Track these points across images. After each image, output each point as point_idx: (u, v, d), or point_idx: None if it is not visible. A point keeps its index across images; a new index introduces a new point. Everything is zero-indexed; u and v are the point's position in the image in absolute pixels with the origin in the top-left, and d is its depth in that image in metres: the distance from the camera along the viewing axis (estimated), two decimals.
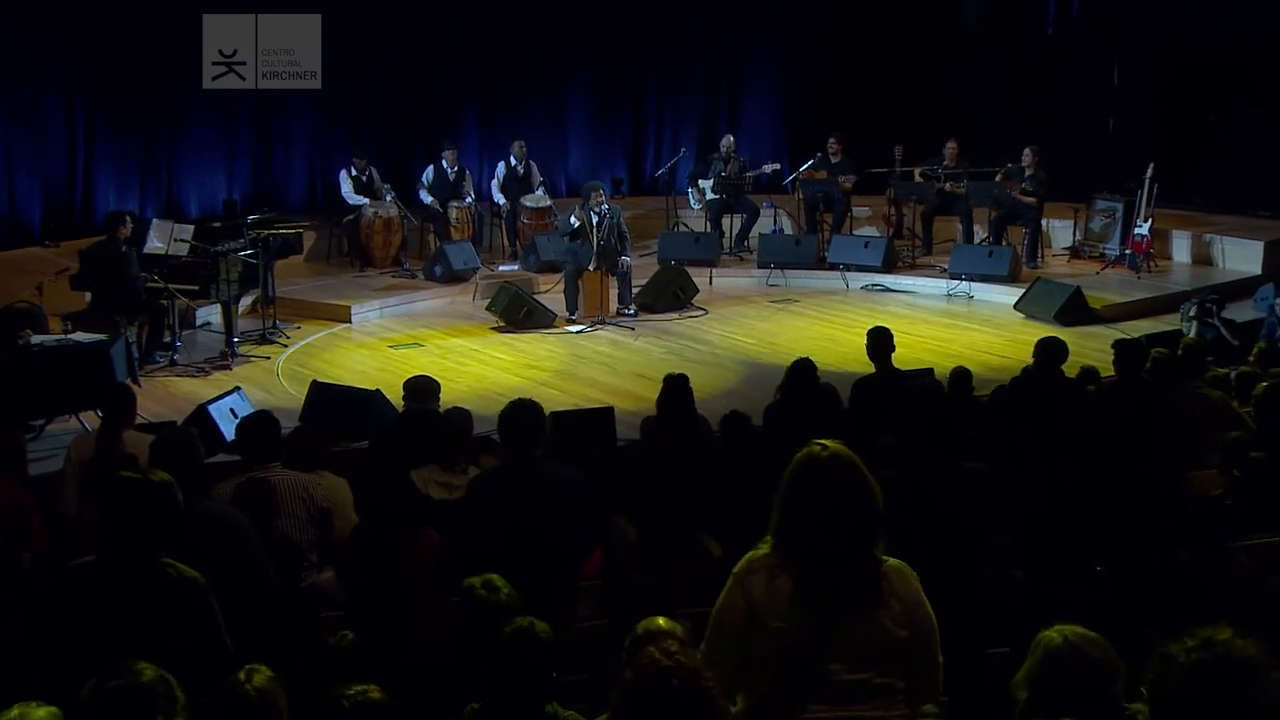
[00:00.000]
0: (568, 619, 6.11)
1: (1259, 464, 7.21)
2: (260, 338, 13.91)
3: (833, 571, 4.08)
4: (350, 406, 10.83)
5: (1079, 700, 3.65)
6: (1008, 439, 6.99)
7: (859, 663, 4.11)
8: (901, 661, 4.17)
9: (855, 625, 4.09)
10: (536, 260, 16.22)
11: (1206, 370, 9.36)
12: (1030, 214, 16.44)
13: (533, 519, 6.23)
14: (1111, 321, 14.42)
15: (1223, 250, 16.48)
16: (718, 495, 7.99)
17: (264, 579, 5.83)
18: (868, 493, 4.23)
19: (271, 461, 7.33)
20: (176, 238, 13.80)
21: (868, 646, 4.11)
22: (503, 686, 4.36)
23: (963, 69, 19.74)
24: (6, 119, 15.38)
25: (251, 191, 17.02)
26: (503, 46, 18.27)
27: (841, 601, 4.07)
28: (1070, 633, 3.79)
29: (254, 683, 4.21)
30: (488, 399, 10.95)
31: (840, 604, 4.05)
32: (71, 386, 10.96)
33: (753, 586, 4.15)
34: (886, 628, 4.13)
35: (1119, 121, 18.57)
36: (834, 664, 4.07)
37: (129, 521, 4.96)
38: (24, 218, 15.66)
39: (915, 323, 14.36)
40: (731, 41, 19.94)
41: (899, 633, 4.14)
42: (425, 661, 5.24)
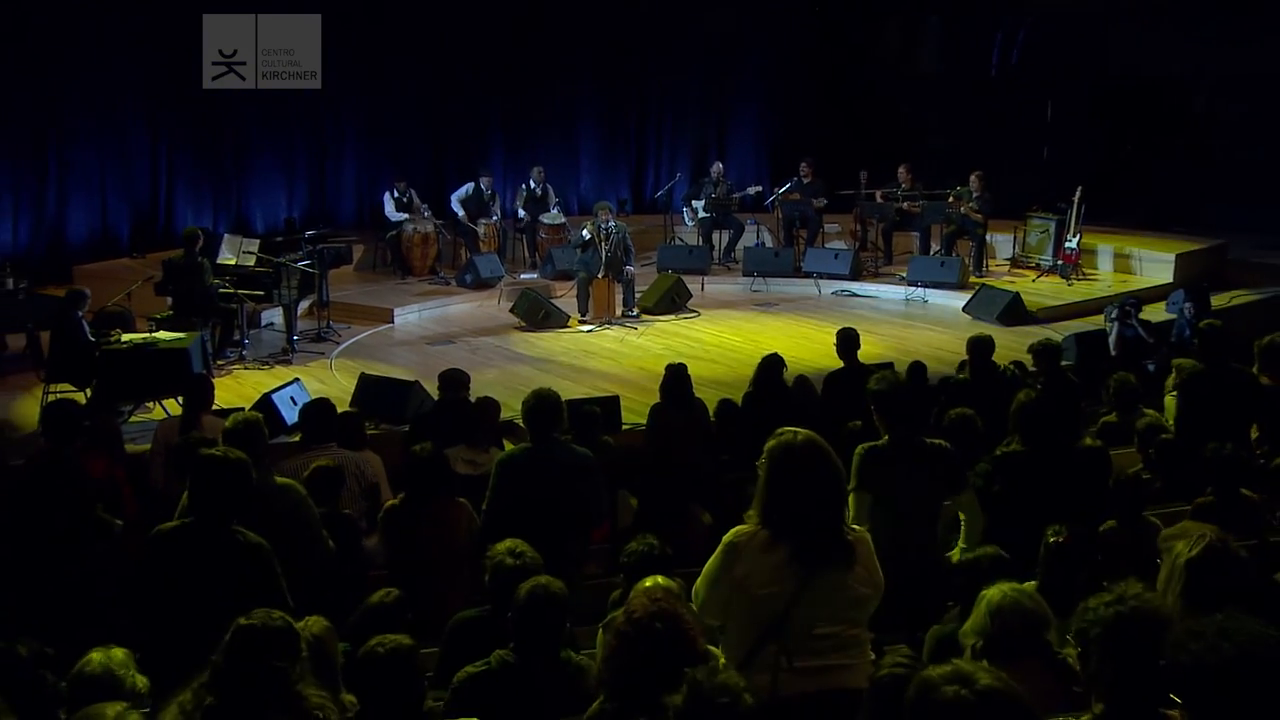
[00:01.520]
0: (580, 577, 6.15)
1: (1169, 444, 7.24)
2: (316, 336, 13.94)
3: (811, 539, 4.11)
4: (393, 395, 10.85)
5: (1017, 644, 3.68)
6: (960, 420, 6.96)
7: (831, 619, 4.13)
8: (864, 615, 4.21)
9: (828, 586, 4.12)
10: (553, 269, 16.24)
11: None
12: (976, 230, 16.42)
13: (550, 492, 6.25)
14: (1045, 322, 14.40)
15: (1140, 262, 16.46)
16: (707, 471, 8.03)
17: (319, 544, 5.84)
18: (835, 471, 4.26)
19: (328, 442, 7.36)
20: (244, 250, 13.81)
21: (838, 604, 4.14)
22: (524, 635, 4.39)
23: (919, 105, 19.74)
24: (100, 150, 15.38)
25: (308, 210, 17.00)
26: (524, 87, 18.24)
27: (819, 565, 4.09)
28: (1008, 589, 3.82)
29: (312, 630, 4.25)
30: (511, 389, 10.95)
31: (818, 567, 4.08)
32: (155, 378, 11.02)
33: (742, 558, 4.18)
34: (853, 587, 4.16)
35: (1052, 150, 18.57)
36: (810, 621, 4.10)
37: (209, 492, 5.00)
38: (115, 234, 15.66)
39: (878, 323, 14.33)
40: (721, 83, 19.90)
41: (863, 590, 4.18)
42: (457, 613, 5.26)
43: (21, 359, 12.58)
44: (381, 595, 5.12)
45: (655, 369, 10.20)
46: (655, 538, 5.35)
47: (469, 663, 4.45)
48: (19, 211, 14.80)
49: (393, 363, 12.94)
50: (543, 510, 6.12)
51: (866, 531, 4.32)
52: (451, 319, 15.16)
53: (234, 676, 3.64)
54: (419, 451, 6.24)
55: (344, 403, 10.21)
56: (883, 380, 6.07)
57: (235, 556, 4.95)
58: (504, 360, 13.24)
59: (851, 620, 4.19)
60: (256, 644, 3.66)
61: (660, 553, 5.18)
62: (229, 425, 5.97)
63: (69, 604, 5.15)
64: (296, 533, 5.69)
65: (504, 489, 6.27)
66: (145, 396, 11.20)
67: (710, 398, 9.31)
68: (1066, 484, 5.99)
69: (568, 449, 6.55)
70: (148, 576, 5.05)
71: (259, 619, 3.70)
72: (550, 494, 6.24)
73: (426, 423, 8.80)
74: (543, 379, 11.50)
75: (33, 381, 11.87)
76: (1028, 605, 3.77)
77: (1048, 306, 14.93)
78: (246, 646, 3.65)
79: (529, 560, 4.85)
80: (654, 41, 18.97)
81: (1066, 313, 14.81)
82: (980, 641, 3.78)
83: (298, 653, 3.75)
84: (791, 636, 4.09)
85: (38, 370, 11.84)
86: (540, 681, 4.35)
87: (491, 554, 4.95)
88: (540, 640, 4.38)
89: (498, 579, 4.84)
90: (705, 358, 12.98)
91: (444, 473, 6.26)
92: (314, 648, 4.25)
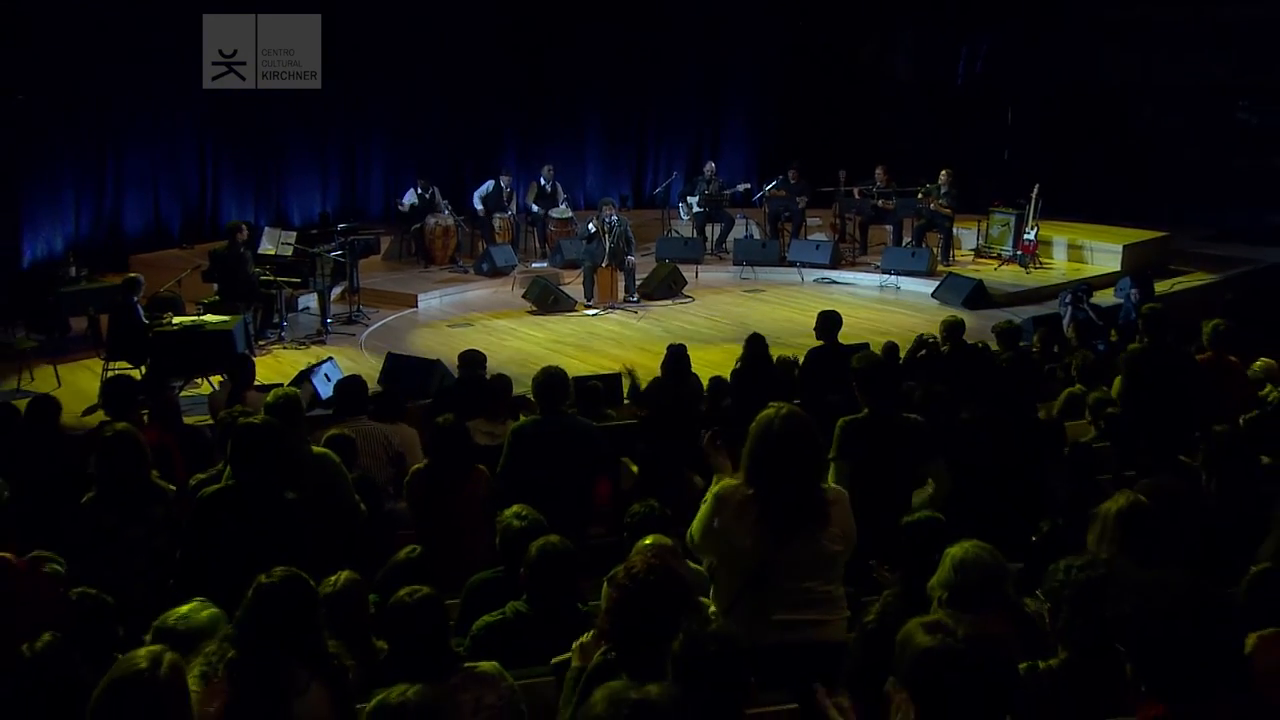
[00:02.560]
0: (585, 536, 6.14)
1: (1115, 417, 7.22)
2: (348, 319, 13.94)
3: (789, 501, 4.10)
4: (417, 372, 10.85)
5: (979, 595, 3.69)
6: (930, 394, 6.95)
7: (807, 575, 4.13)
8: (838, 571, 4.21)
9: (803, 545, 4.12)
10: (561, 259, 16.21)
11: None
12: (944, 223, 16.41)
13: (559, 460, 6.25)
14: (1006, 307, 14.41)
15: (1091, 252, 16.47)
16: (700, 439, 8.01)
17: (351, 506, 5.84)
18: (814, 441, 4.26)
19: (359, 414, 7.35)
20: (283, 241, 13.82)
21: (814, 561, 4.14)
22: (536, 587, 4.39)
23: (893, 111, 19.74)
24: (153, 152, 15.35)
25: (340, 205, 16.96)
26: (536, 95, 18.21)
27: (794, 525, 4.09)
28: (971, 545, 3.83)
29: (340, 581, 4.24)
30: (523, 367, 10.96)
31: (793, 527, 4.08)
32: (203, 357, 11.08)
33: (725, 510, 4.18)
34: (826, 545, 4.16)
35: (1012, 152, 18.55)
36: (787, 576, 4.10)
37: (246, 456, 4.99)
38: (166, 227, 15.65)
39: (855, 308, 14.29)
40: (713, 92, 19.88)
41: (835, 547, 4.18)
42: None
43: (83, 339, 12.61)
44: (407, 552, 5.13)
45: (654, 349, 10.21)
46: (656, 500, 5.36)
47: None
48: (81, 208, 14.79)
49: (417, 343, 12.93)
50: (552, 475, 6.13)
51: (844, 491, 4.31)
52: (470, 304, 15.14)
53: (255, 630, 3.64)
54: (442, 423, 6.23)
55: (373, 380, 10.23)
56: (863, 359, 6.08)
57: (275, 513, 4.95)
58: (517, 341, 13.23)
59: (826, 576, 4.19)
60: (276, 600, 3.65)
61: (660, 514, 5.19)
62: (269, 400, 5.97)
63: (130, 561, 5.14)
64: (331, 495, 5.69)
65: (517, 456, 6.27)
66: (194, 373, 11.23)
67: (703, 374, 9.29)
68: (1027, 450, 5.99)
69: (574, 420, 6.54)
70: (196, 534, 5.05)
71: (278, 576, 3.70)
72: (558, 460, 6.23)
73: (448, 397, 8.78)
74: (551, 358, 11.53)
75: (94, 359, 11.91)
76: (988, 560, 3.78)
77: (1008, 292, 14.95)
78: (267, 602, 3.65)
79: (534, 521, 4.85)
80: (653, 55, 18.92)
81: (1025, 298, 14.84)
82: (946, 593, 3.78)
83: (315, 607, 3.75)
84: (770, 590, 4.09)
85: (98, 349, 11.89)
86: (551, 629, 4.35)
87: (501, 519, 4.95)
88: (551, 592, 4.38)
89: (507, 539, 4.84)
90: (699, 339, 12.96)
91: (465, 442, 6.24)
92: (346, 598, 4.25)
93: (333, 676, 3.66)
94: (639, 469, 7.55)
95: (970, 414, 6.40)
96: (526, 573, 4.39)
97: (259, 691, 3.57)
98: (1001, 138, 18.74)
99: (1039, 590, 3.80)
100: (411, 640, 3.79)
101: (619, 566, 3.89)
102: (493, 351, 10.69)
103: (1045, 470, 5.99)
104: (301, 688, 3.59)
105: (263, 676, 3.59)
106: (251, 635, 3.64)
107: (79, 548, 5.09)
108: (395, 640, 3.96)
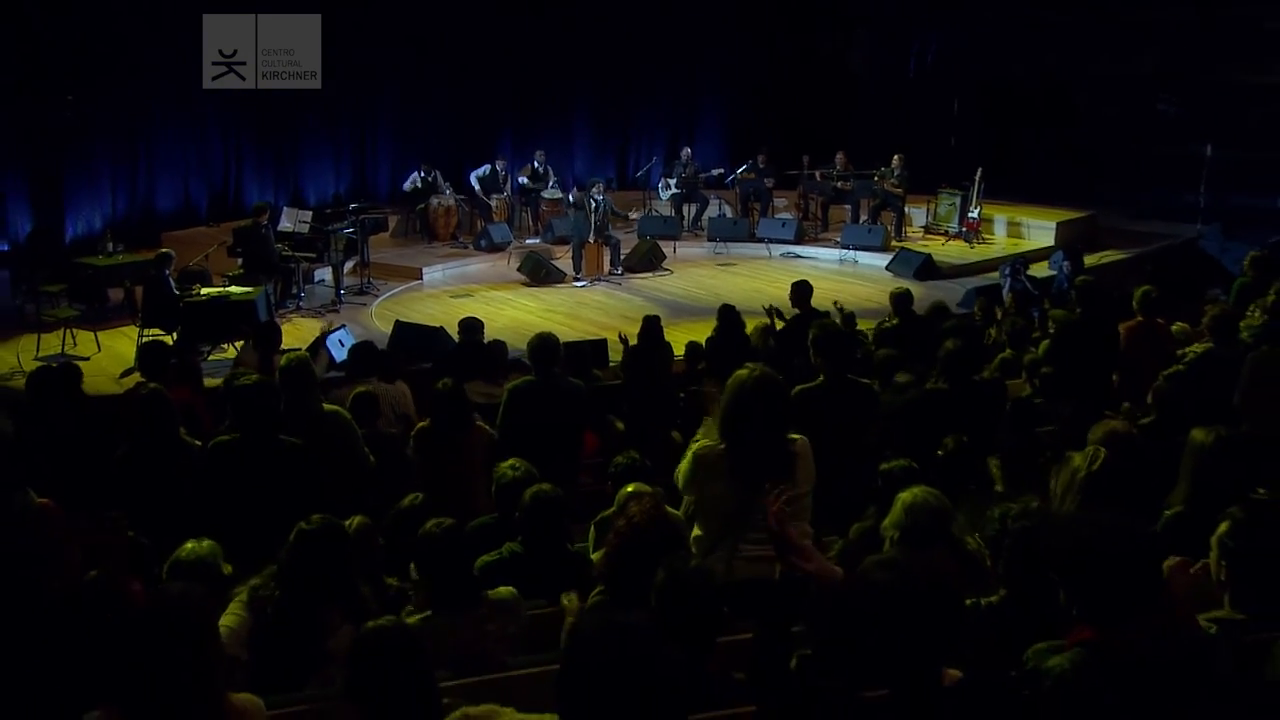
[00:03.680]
0: (574, 485, 6.15)
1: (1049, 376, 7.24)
2: (359, 290, 13.88)
3: (758, 453, 4.10)
4: (422, 338, 10.81)
5: (926, 534, 3.70)
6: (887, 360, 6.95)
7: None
8: (804, 509, 4.21)
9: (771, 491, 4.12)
10: (552, 235, 16.14)
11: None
12: (897, 202, 16.41)
13: (550, 416, 6.24)
14: (952, 278, 14.43)
15: (1028, 228, 16.49)
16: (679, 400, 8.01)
17: (361, 457, 5.82)
18: (784, 399, 4.25)
19: (370, 376, 7.31)
20: (300, 220, 13.75)
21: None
22: (531, 530, 4.39)
23: (851, 101, 19.65)
24: (182, 139, 15.16)
25: (352, 186, 16.81)
26: (528, 87, 18.02)
27: (764, 474, 4.09)
28: (919, 490, 3.84)
29: (353, 524, 4.23)
30: (518, 333, 10.93)
31: (762, 476, 4.08)
32: (229, 324, 11.03)
33: (703, 467, 4.18)
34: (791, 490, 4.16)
35: (957, 138, 18.49)
36: (757, 516, 4.10)
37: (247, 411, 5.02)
38: (194, 206, 15.49)
39: (817, 279, 13.76)
40: (689, 85, 19.73)
41: (801, 489, 4.18)
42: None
43: (120, 309, 12.54)
44: (410, 499, 5.11)
45: (636, 317, 10.15)
46: (637, 453, 5.36)
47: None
48: (117, 190, 14.67)
49: (421, 312, 12.86)
50: (544, 430, 6.12)
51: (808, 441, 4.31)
52: (469, 276, 15.06)
53: (296, 573, 3.62)
54: (441, 387, 6.21)
55: (383, 345, 10.17)
56: (821, 327, 6.07)
57: (277, 460, 4.96)
58: (512, 310, 13.18)
59: (793, 514, 4.19)
60: (315, 545, 3.63)
61: (641, 464, 5.20)
62: (283, 363, 5.93)
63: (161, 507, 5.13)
64: (341, 448, 5.66)
65: (513, 413, 6.26)
66: (220, 339, 11.18)
67: (681, 340, 9.28)
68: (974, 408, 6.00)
69: (565, 380, 6.53)
70: (210, 479, 5.05)
71: (317, 523, 3.67)
72: (550, 417, 6.22)
73: (449, 361, 8.75)
74: (543, 324, 11.48)
75: (130, 327, 11.84)
76: (934, 503, 3.80)
77: (954, 265, 14.96)
78: (307, 548, 3.63)
79: (526, 471, 4.84)
80: (635, 51, 18.75)
81: (969, 270, 14.86)
82: (897, 533, 3.80)
83: (349, 552, 3.73)
84: (742, 532, 4.09)
85: (134, 318, 11.81)
86: (544, 567, 4.36)
87: (496, 471, 4.94)
88: (543, 534, 4.38)
89: (502, 489, 4.83)
90: (676, 308, 12.97)
91: (462, 402, 6.22)
92: (358, 540, 4.24)
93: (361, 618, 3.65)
94: (622, 425, 7.56)
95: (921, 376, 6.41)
96: (521, 517, 4.39)
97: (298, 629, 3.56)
98: (948, 126, 18.68)
99: (978, 534, 3.82)
100: (439, 568, 3.74)
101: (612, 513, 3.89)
102: (490, 319, 10.64)
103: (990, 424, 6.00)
104: (335, 627, 3.57)
105: (301, 616, 3.58)
106: (293, 577, 3.62)
107: (115, 497, 5.07)
108: (424, 569, 3.88)
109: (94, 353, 11.28)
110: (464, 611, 3.67)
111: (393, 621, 3.02)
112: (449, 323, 10.72)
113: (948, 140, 18.43)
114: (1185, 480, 4.24)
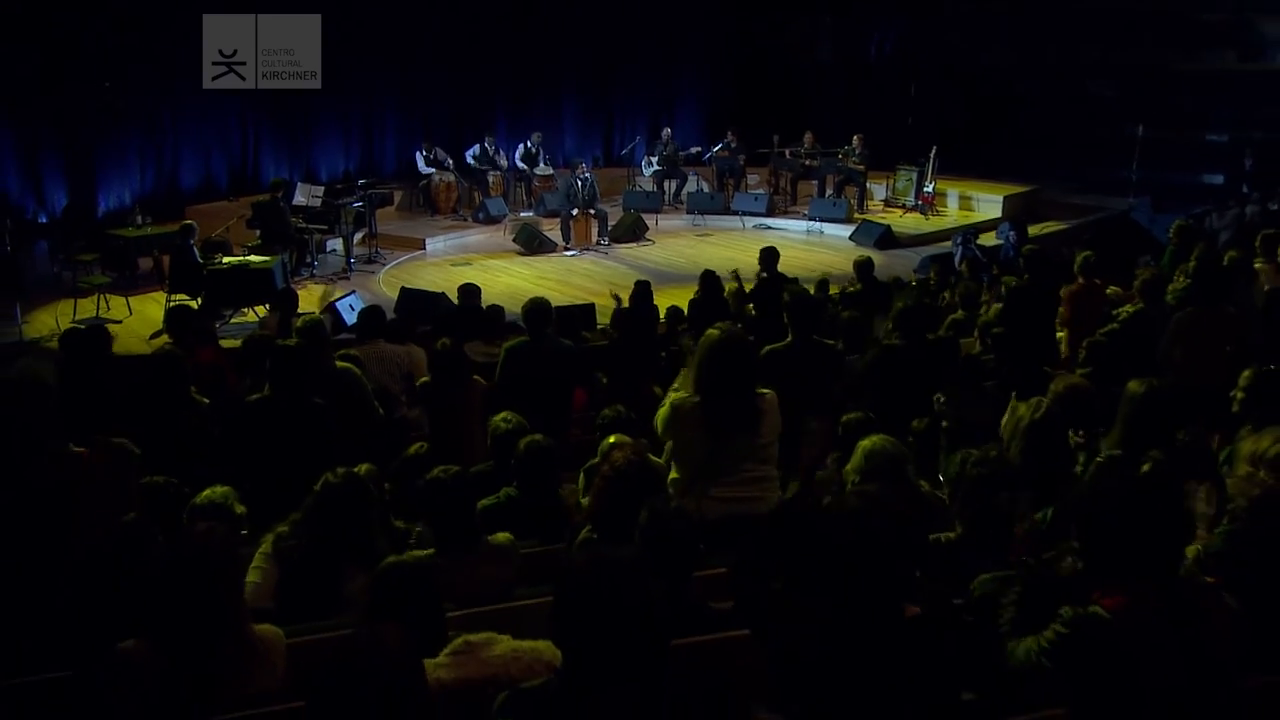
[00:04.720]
0: (565, 436, 6.14)
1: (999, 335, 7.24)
2: (367, 259, 13.76)
3: (729, 406, 4.10)
4: (425, 303, 10.75)
5: (885, 478, 3.71)
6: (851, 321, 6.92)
7: (744, 461, 4.15)
8: (770, 456, 4.22)
9: (741, 439, 4.13)
10: (544, 209, 15.98)
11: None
12: (859, 178, 16.36)
13: (543, 373, 6.22)
14: (909, 247, 14.43)
15: (978, 201, 16.47)
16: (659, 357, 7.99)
17: (371, 412, 5.79)
18: (751, 356, 4.25)
19: (377, 338, 7.27)
20: (313, 195, 13.63)
21: (748, 451, 4.15)
22: (524, 477, 4.38)
23: (817, 85, 19.57)
24: (203, 119, 14.92)
25: (361, 164, 16.60)
26: (522, 72, 17.81)
27: (734, 425, 4.10)
28: (878, 438, 3.83)
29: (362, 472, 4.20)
30: (513, 298, 10.86)
31: (732, 426, 4.08)
32: (249, 291, 10.99)
33: (678, 417, 4.18)
34: (759, 439, 4.17)
35: (914, 119, 18.42)
36: (728, 464, 4.11)
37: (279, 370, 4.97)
38: (216, 182, 15.29)
39: (786, 248, 13.84)
40: (669, 70, 19.52)
41: (767, 438, 4.19)
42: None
43: (149, 276, 12.44)
44: (416, 448, 5.09)
45: (622, 284, 10.10)
46: (622, 406, 5.35)
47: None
48: (144, 166, 14.48)
49: (424, 279, 12.77)
50: (538, 386, 6.10)
51: (774, 395, 4.30)
52: (468, 246, 14.93)
53: (319, 523, 3.58)
54: (440, 347, 6.18)
55: (390, 309, 10.13)
56: (792, 292, 6.06)
57: (304, 417, 4.92)
58: (508, 277, 13.10)
59: (760, 460, 4.20)
60: (339, 497, 3.59)
61: (626, 417, 5.18)
62: (299, 325, 5.93)
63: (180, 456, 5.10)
64: (352, 403, 5.64)
65: (509, 370, 6.25)
66: (241, 304, 11.14)
67: (663, 304, 9.25)
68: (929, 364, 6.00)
69: (556, 341, 6.50)
70: (241, 433, 5.01)
71: (341, 477, 3.62)
72: (543, 374, 6.21)
73: (448, 323, 8.70)
74: (536, 290, 11.47)
75: (158, 292, 11.75)
76: (891, 449, 3.79)
77: (911, 235, 14.95)
78: (331, 499, 3.58)
79: (518, 424, 4.83)
80: (620, 39, 18.56)
81: (924, 240, 14.84)
82: (858, 477, 3.80)
83: (371, 505, 3.68)
84: (716, 475, 4.10)
85: (161, 284, 11.74)
86: (537, 510, 4.35)
87: (491, 423, 4.92)
88: (536, 481, 4.37)
89: (496, 439, 4.82)
90: (658, 275, 12.89)
91: (460, 360, 6.19)
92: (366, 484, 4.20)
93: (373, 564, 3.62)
94: (608, 381, 7.54)
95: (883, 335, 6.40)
96: (515, 465, 4.37)
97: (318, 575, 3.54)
98: (906, 108, 18.61)
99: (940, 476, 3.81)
100: (446, 512, 3.70)
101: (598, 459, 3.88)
102: (488, 286, 10.60)
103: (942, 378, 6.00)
104: (350, 576, 3.54)
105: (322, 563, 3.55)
106: (316, 527, 3.58)
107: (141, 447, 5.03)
108: (430, 512, 3.80)
109: (125, 316, 11.20)
110: (465, 553, 3.65)
111: (410, 555, 3.03)
112: (449, 289, 10.66)
113: (905, 121, 18.36)
114: (1120, 425, 4.25)
